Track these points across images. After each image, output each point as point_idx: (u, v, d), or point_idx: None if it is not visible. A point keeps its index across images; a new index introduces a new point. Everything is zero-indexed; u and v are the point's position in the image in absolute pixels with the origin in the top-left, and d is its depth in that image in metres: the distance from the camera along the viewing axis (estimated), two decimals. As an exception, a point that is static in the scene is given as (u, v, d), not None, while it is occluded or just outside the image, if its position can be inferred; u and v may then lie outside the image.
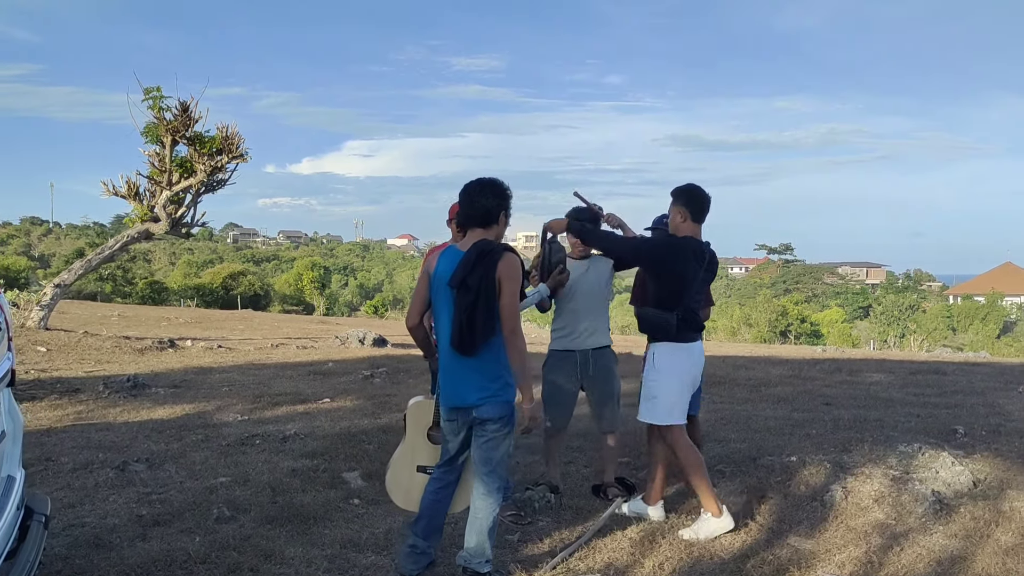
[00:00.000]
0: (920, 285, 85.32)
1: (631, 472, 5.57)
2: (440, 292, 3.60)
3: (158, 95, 13.48)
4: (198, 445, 6.24)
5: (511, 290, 3.49)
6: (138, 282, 46.78)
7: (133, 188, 14.39)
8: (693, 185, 4.50)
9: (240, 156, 14.17)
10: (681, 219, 4.45)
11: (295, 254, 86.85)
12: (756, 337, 45.70)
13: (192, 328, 19.12)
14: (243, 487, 5.14)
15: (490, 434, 3.58)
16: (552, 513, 4.77)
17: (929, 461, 5.41)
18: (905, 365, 12.14)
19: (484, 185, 3.62)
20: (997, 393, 8.84)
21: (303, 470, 5.49)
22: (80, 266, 14.26)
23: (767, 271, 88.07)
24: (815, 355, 14.83)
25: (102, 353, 11.91)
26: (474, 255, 3.49)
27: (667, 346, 4.43)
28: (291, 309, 49.53)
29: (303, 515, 4.62)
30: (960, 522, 4.60)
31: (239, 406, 7.87)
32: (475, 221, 3.62)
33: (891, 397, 8.57)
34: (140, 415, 7.40)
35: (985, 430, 6.69)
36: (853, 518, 4.66)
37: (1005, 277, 73.36)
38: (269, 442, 6.28)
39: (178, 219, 14.40)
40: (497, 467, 3.62)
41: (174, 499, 4.91)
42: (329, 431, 6.64)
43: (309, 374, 10.25)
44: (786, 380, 9.93)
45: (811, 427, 6.79)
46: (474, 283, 3.45)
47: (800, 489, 5.10)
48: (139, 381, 8.75)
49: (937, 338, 48.05)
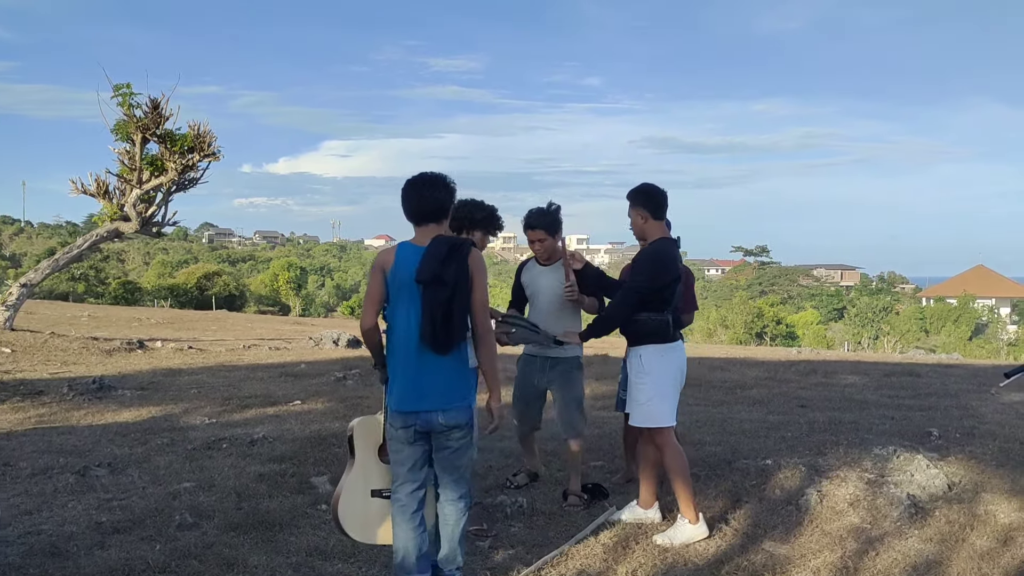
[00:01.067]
0: (894, 287, 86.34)
1: (605, 476, 5.49)
2: (402, 290, 3.42)
3: (128, 92, 13.22)
4: (163, 449, 6.08)
5: (483, 285, 3.40)
6: (111, 282, 46.17)
7: (102, 186, 14.11)
8: (647, 184, 4.45)
9: (212, 154, 13.95)
10: (643, 220, 4.41)
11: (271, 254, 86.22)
12: (732, 339, 45.92)
13: (164, 329, 18.83)
14: (207, 492, 5.00)
15: (456, 442, 3.44)
16: (524, 519, 4.68)
17: (904, 464, 5.38)
18: (879, 367, 12.18)
19: (434, 180, 3.49)
20: (971, 395, 8.87)
21: (270, 475, 5.36)
22: (47, 266, 13.98)
23: (743, 273, 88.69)
24: (790, 357, 14.87)
25: (69, 354, 11.66)
26: (444, 249, 3.35)
27: (656, 348, 4.36)
28: (267, 310, 49.09)
29: (268, 522, 4.50)
30: (935, 526, 4.57)
31: (207, 409, 7.71)
32: (430, 216, 3.48)
33: (866, 399, 8.56)
34: (104, 418, 7.22)
35: (959, 432, 6.68)
36: (828, 522, 4.62)
37: (977, 280, 74.13)
38: (236, 446, 6.13)
39: (148, 218, 14.14)
40: (464, 473, 3.51)
41: (135, 505, 4.76)
42: (299, 434, 6.50)
43: (280, 376, 10.08)
44: (762, 382, 9.92)
45: (786, 430, 6.76)
46: (450, 278, 3.31)
47: (775, 493, 5.05)
48: (105, 383, 8.55)
49: (910, 340, 48.56)
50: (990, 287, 72.48)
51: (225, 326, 21.76)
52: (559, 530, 4.50)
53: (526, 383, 5.04)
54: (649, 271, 4.31)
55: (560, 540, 4.34)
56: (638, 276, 4.37)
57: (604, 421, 7.09)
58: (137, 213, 13.89)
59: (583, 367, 5.04)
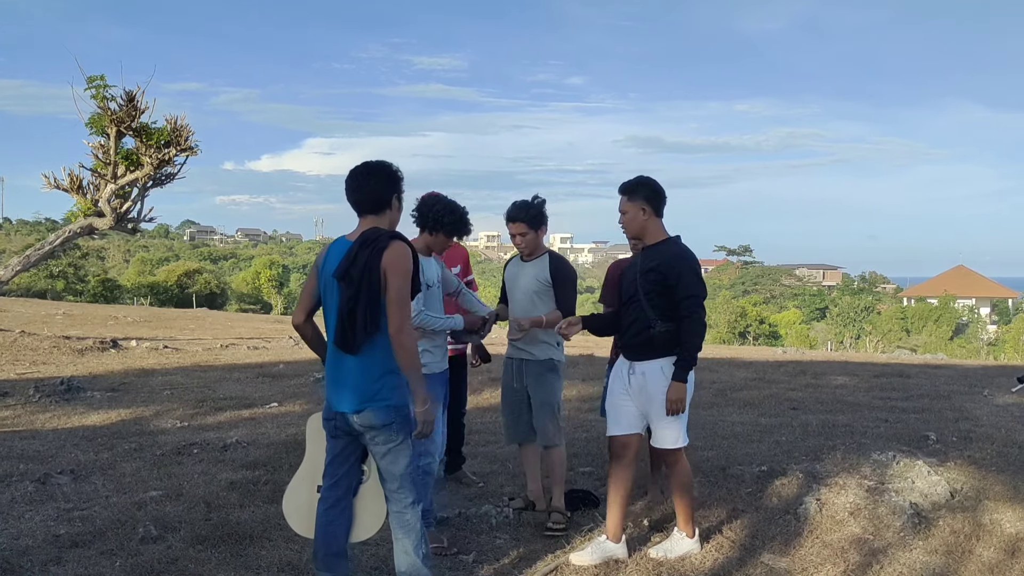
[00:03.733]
0: (875, 287, 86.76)
1: (595, 484, 5.26)
2: (328, 286, 3.28)
3: (102, 84, 12.83)
4: (130, 455, 5.80)
5: (397, 284, 3.15)
6: (90, 280, 45.60)
7: (76, 181, 13.70)
8: (647, 177, 4.10)
9: (189, 149, 13.57)
10: (645, 216, 4.03)
11: (254, 252, 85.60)
12: (715, 338, 45.91)
13: (140, 328, 18.43)
14: (175, 502, 4.73)
15: (382, 445, 3.21)
16: (510, 530, 4.44)
17: (904, 470, 5.19)
18: (868, 367, 12.05)
19: (372, 169, 3.32)
20: (963, 397, 8.72)
21: (242, 482, 5.09)
22: (18, 263, 13.55)
23: (726, 272, 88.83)
24: (777, 357, 14.73)
25: (39, 354, 11.29)
26: (357, 244, 3.20)
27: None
28: (248, 308, 48.65)
29: (238, 534, 4.23)
30: (940, 536, 4.38)
31: (179, 411, 7.41)
32: (366, 208, 3.31)
33: (858, 401, 8.39)
34: (71, 421, 6.92)
35: (956, 436, 6.51)
36: (829, 532, 4.41)
37: (957, 280, 74.68)
38: (208, 451, 5.85)
39: (124, 214, 13.75)
40: (404, 481, 3.26)
41: (97, 516, 4.48)
42: (274, 438, 6.23)
43: (258, 376, 9.78)
44: (751, 384, 9.73)
45: (780, 433, 6.56)
46: (356, 274, 3.14)
47: (772, 501, 4.84)
48: (74, 384, 8.23)
49: (892, 339, 48.80)
50: (970, 287, 73.02)
51: (204, 325, 21.36)
52: (547, 543, 4.27)
53: (506, 389, 4.77)
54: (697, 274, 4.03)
55: (548, 554, 4.11)
56: (695, 285, 3.98)
57: (591, 424, 6.87)
58: (112, 209, 13.51)
59: (559, 369, 4.69)
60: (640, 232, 4.11)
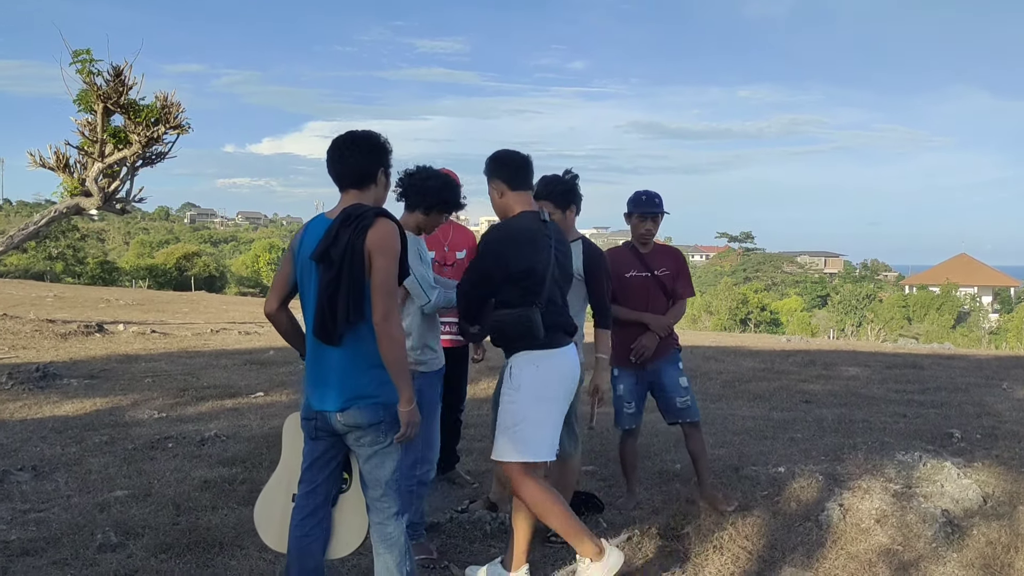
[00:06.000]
0: (877, 275, 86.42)
1: (599, 485, 4.88)
2: (305, 270, 2.89)
3: (88, 59, 12.35)
4: (100, 448, 5.41)
5: (385, 265, 2.75)
6: (89, 262, 45.27)
7: (62, 159, 13.27)
8: (499, 151, 3.52)
9: (179, 127, 13.11)
10: (499, 195, 3.45)
11: (254, 235, 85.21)
12: (716, 325, 45.55)
13: (132, 311, 18.04)
14: (141, 503, 4.34)
15: (366, 448, 2.83)
16: (505, 538, 4.04)
17: (932, 473, 4.80)
18: (878, 358, 11.66)
19: (357, 138, 2.94)
20: (981, 390, 8.34)
21: (217, 481, 4.71)
22: (0, 243, 13.15)
23: (728, 259, 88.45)
24: (783, 346, 14.34)
25: (20, 338, 10.89)
26: (338, 222, 2.81)
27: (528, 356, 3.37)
28: (248, 291, 48.36)
29: (207, 541, 3.85)
30: (975, 548, 3.99)
31: (159, 401, 7.02)
32: (348, 181, 2.94)
33: (872, 394, 8.01)
34: (42, 411, 6.53)
35: (980, 433, 6.13)
36: (854, 543, 4.03)
37: (959, 268, 74.16)
38: (183, 445, 5.47)
39: (112, 194, 13.32)
40: (388, 489, 2.88)
41: (54, 519, 4.10)
42: (256, 431, 5.85)
43: (246, 364, 9.39)
44: (760, 374, 9.34)
45: (794, 429, 6.18)
46: (337, 255, 2.75)
47: (791, 506, 4.45)
48: (50, 371, 7.84)
49: (894, 327, 48.46)
50: (972, 276, 72.59)
51: (198, 308, 20.98)
52: (548, 553, 3.88)
53: (499, 388, 4.29)
54: (486, 247, 3.40)
55: (546, 564, 3.73)
56: (478, 258, 3.43)
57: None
58: (99, 188, 13.09)
59: None
60: (504, 213, 3.48)
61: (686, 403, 4.44)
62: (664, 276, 4.47)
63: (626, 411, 4.47)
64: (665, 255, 4.56)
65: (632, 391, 4.46)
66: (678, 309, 4.56)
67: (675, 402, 4.43)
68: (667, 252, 4.62)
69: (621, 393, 4.47)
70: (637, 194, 4.48)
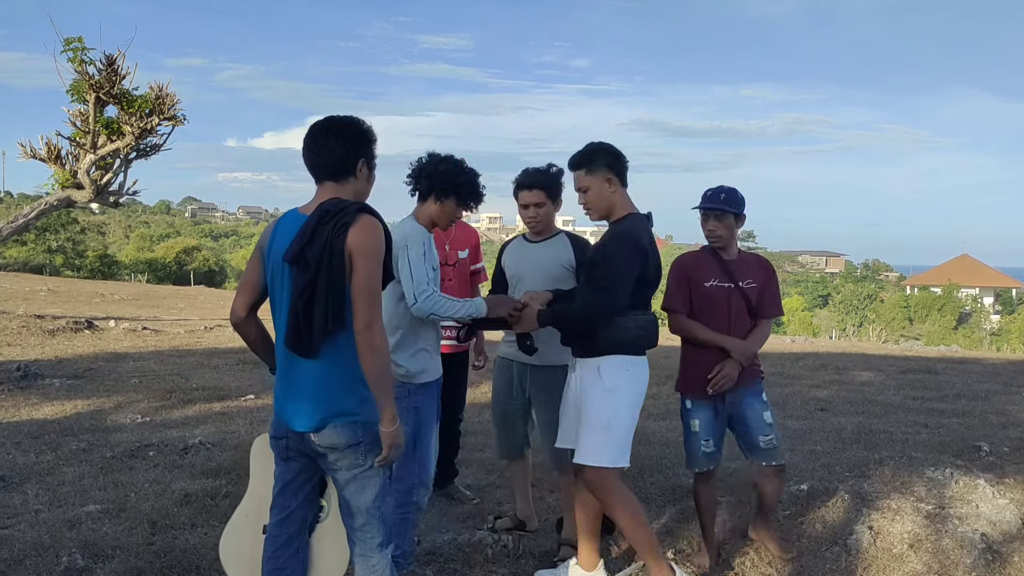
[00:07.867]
0: (878, 275, 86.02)
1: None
2: (275, 272, 2.55)
3: (80, 47, 11.99)
4: (76, 457, 5.09)
5: (367, 267, 2.42)
6: (89, 255, 44.98)
7: (54, 151, 12.93)
8: (603, 142, 3.38)
9: (173, 118, 12.75)
10: (611, 188, 3.29)
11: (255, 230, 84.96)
12: (719, 324, 45.03)
13: (126, 306, 17.71)
14: (114, 520, 4.02)
15: (347, 471, 2.51)
16: (509, 563, 3.73)
17: (965, 491, 4.49)
18: (889, 361, 11.33)
19: (335, 124, 2.60)
20: (1002, 398, 8.01)
21: (198, 495, 4.38)
22: (-11, 236, 12.80)
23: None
24: (789, 347, 14.01)
25: (5, 335, 10.55)
26: (315, 219, 2.47)
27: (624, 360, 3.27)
28: (247, 287, 47.99)
29: (183, 564, 3.53)
30: (1018, 577, 3.68)
31: (143, 404, 6.70)
32: (324, 172, 2.60)
33: (889, 401, 7.68)
34: (19, 414, 6.21)
35: (1008, 446, 5.81)
36: (887, 570, 3.72)
37: (961, 269, 73.73)
38: (165, 453, 5.15)
39: (104, 186, 12.98)
40: (371, 516, 2.55)
41: (18, 538, 3.78)
42: (243, 438, 5.53)
43: (238, 363, 9.06)
44: (770, 379, 8.98)
45: (813, 441, 5.85)
46: (313, 256, 2.43)
47: (816, 528, 4.13)
48: (31, 370, 7.52)
49: (895, 328, 48.14)
50: (974, 276, 72.19)
51: (195, 304, 20.65)
52: (553, 581, 3.56)
53: (500, 395, 3.94)
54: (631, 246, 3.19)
55: None
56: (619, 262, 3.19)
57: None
58: (91, 180, 12.75)
59: None
60: (607, 211, 3.33)
61: (770, 443, 3.73)
62: (750, 289, 3.73)
63: (704, 450, 3.72)
64: (752, 265, 3.83)
65: (710, 426, 3.72)
66: (762, 331, 3.80)
67: (758, 441, 3.72)
68: (755, 262, 3.89)
69: (697, 430, 3.72)
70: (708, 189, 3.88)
